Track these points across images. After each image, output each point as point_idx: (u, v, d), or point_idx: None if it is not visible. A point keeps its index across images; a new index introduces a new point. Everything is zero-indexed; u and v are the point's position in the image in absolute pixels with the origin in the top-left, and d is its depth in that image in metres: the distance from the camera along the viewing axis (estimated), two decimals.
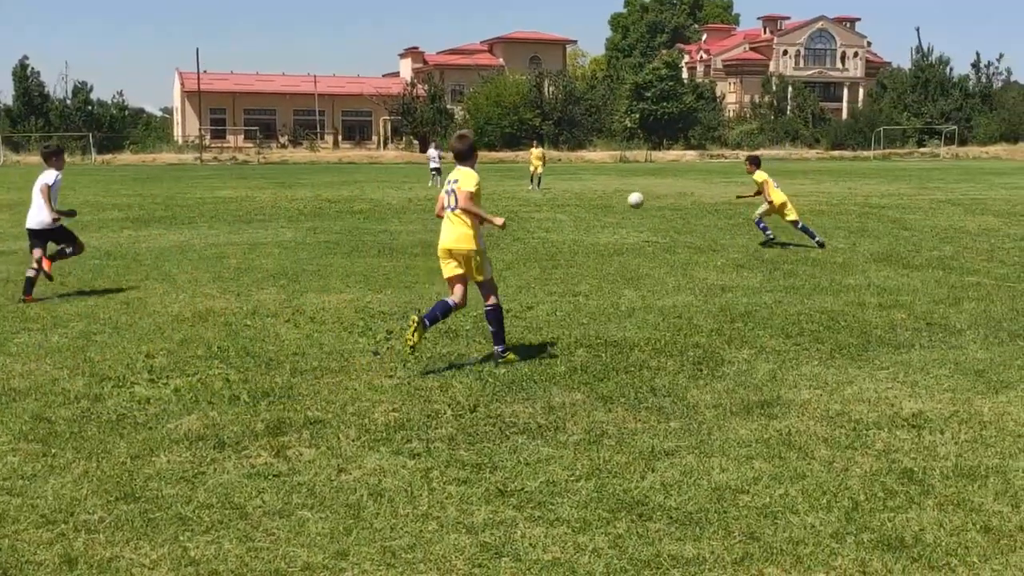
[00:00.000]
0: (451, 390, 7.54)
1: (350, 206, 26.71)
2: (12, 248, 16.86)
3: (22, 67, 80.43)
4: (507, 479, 5.63)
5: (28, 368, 8.18)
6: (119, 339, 9.34)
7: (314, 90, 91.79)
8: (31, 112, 78.76)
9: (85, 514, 5.13)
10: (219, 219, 22.63)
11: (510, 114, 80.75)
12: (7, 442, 6.28)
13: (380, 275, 13.46)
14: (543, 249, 16.45)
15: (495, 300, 8.57)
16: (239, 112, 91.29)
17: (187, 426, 6.62)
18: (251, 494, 5.41)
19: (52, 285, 12.09)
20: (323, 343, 9.18)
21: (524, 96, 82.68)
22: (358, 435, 6.45)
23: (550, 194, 32.15)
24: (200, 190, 35.09)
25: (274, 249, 16.56)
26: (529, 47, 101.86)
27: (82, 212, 24.68)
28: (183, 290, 12.22)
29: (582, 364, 8.32)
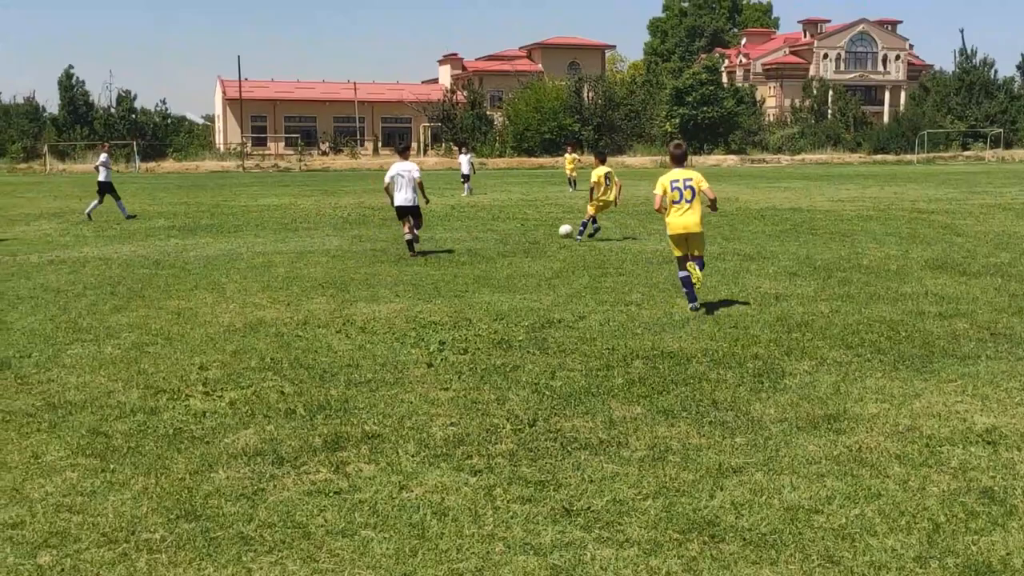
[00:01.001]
0: (508, 403, 7.42)
1: (394, 213, 26.61)
2: (62, 257, 16.96)
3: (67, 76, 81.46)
4: (572, 497, 5.50)
5: (83, 380, 8.16)
6: (172, 350, 9.31)
7: (354, 97, 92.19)
8: (76, 121, 79.71)
9: (146, 532, 5.05)
10: (265, 227, 22.68)
11: (549, 120, 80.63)
12: (65, 457, 6.24)
13: (429, 284, 13.38)
14: (591, 257, 16.30)
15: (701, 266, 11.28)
16: (280, 119, 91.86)
17: (244, 441, 6.55)
18: (313, 512, 5.32)
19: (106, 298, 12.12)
20: (376, 354, 9.10)
21: (563, 102, 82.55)
22: (417, 450, 6.34)
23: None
24: (244, 198, 35.27)
25: (321, 257, 16.54)
26: (568, 52, 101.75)
27: (128, 220, 24.88)
28: (233, 300, 12.20)
29: (640, 376, 8.17)
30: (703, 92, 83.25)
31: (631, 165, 74.19)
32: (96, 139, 76.32)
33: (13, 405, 7.42)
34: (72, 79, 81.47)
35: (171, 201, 33.55)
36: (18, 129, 78.63)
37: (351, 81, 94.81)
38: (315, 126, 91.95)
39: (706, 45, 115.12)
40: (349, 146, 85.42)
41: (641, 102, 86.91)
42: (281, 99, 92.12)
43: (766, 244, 17.96)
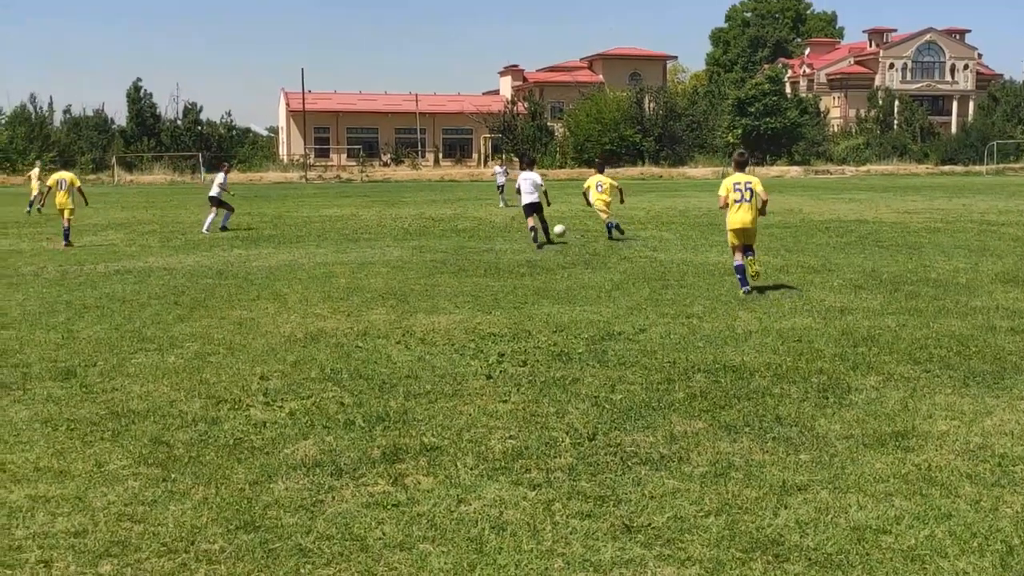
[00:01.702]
0: (567, 416, 7.35)
1: (454, 224, 26.76)
2: (128, 267, 17.22)
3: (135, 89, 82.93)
4: (632, 513, 5.42)
5: (146, 389, 8.24)
6: (233, 360, 9.37)
7: (415, 108, 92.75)
8: (144, 132, 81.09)
9: (206, 543, 5.06)
10: (326, 238, 22.85)
11: (610, 131, 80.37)
12: (128, 466, 6.29)
13: (488, 295, 13.36)
14: (651, 269, 16.17)
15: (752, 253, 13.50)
16: (342, 131, 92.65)
17: (304, 451, 6.55)
18: (371, 525, 5.29)
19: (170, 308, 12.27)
20: (435, 366, 9.08)
21: (624, 113, 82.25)
22: (476, 463, 6.30)
23: (653, 212, 31.75)
24: (306, 208, 35.60)
25: (381, 268, 16.60)
26: (629, 63, 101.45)
27: (194, 231, 25.24)
28: (294, 310, 12.27)
29: (701, 390, 8.05)
30: (766, 103, 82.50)
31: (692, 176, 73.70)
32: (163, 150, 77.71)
33: (78, 413, 7.51)
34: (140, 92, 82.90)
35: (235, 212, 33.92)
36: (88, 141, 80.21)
37: (413, 93, 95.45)
38: (377, 137, 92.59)
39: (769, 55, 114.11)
40: (410, 157, 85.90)
41: (703, 113, 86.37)
42: (344, 111, 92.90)
43: (831, 256, 17.68)
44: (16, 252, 20.19)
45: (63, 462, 6.36)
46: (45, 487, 5.89)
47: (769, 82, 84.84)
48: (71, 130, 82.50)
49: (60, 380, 8.57)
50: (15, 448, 6.66)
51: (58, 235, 22.02)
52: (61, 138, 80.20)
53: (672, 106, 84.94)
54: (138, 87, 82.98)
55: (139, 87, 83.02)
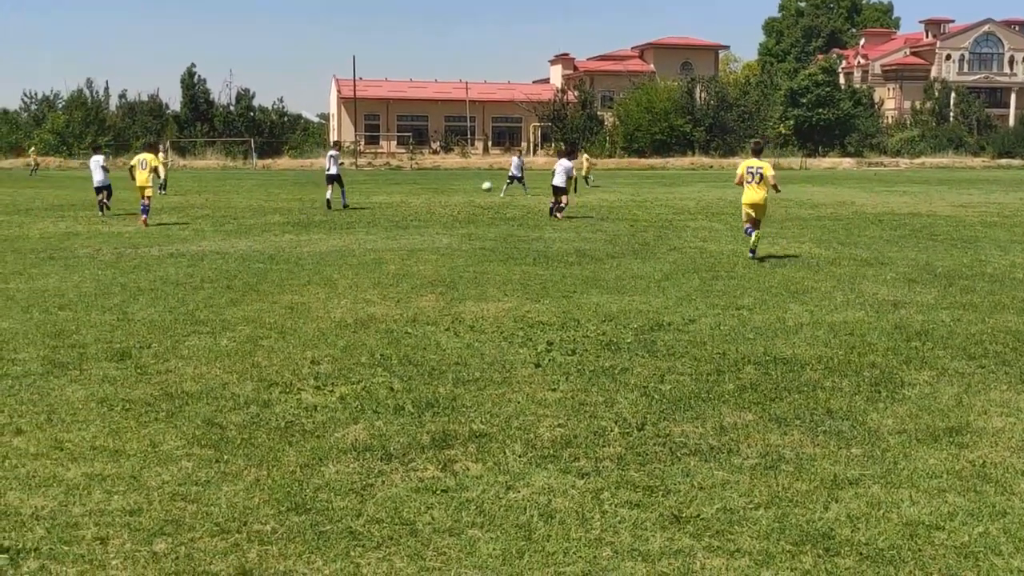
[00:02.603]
0: (616, 406, 7.35)
1: (503, 212, 26.78)
2: (181, 251, 17.43)
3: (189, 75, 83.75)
4: (681, 504, 5.40)
5: (199, 371, 8.35)
6: (285, 344, 9.46)
7: (465, 96, 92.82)
8: (197, 118, 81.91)
9: (258, 524, 5.13)
10: (376, 224, 22.97)
11: (660, 120, 79.91)
12: (181, 446, 6.38)
13: (537, 284, 13.36)
14: (701, 259, 16.08)
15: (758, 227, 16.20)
16: (392, 118, 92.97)
17: (354, 436, 6.60)
18: (420, 510, 5.33)
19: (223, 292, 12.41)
20: (484, 353, 9.11)
21: (675, 102, 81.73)
22: (524, 451, 6.31)
23: (704, 202, 31.56)
24: (356, 195, 35.72)
25: (431, 255, 16.66)
26: (680, 53, 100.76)
27: (246, 216, 25.49)
28: (344, 296, 12.36)
29: (751, 382, 8.01)
30: (819, 93, 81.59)
31: None
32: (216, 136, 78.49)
33: (133, 394, 7.63)
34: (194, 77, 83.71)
35: (286, 197, 34.23)
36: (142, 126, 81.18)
37: (463, 81, 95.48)
38: (427, 125, 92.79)
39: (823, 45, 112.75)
40: (460, 145, 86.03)
41: (755, 103, 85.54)
42: (394, 98, 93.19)
43: (883, 249, 17.48)
44: (73, 234, 20.51)
45: (118, 441, 6.47)
46: (101, 465, 5.99)
47: (822, 73, 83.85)
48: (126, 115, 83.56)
49: (115, 361, 8.70)
50: (72, 427, 6.78)
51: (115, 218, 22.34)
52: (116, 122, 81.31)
53: (723, 96, 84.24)
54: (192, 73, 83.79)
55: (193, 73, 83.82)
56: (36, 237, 19.91)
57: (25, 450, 6.28)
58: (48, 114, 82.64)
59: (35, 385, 7.87)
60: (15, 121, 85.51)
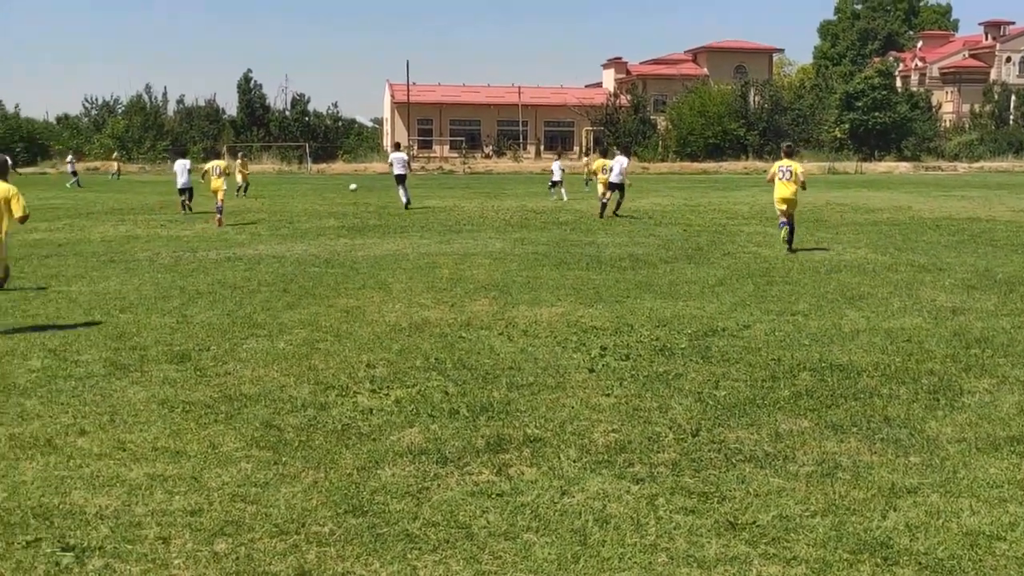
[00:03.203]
0: (671, 412, 7.33)
1: (556, 217, 26.80)
2: (239, 254, 17.65)
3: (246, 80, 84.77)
4: (737, 511, 5.39)
5: (257, 374, 8.46)
6: (341, 347, 9.56)
7: (518, 101, 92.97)
8: (253, 123, 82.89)
9: (316, 525, 5.19)
10: (429, 228, 23.09)
11: (714, 124, 79.50)
12: (240, 448, 6.47)
13: (590, 288, 13.36)
14: (755, 264, 15.98)
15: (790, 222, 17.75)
16: (445, 122, 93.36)
17: (409, 439, 6.66)
18: (476, 513, 5.36)
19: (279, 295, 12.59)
20: (538, 357, 9.13)
21: (728, 106, 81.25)
22: (579, 456, 6.33)
23: (758, 207, 31.33)
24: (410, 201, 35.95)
25: (484, 260, 16.72)
26: (734, 56, 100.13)
27: (301, 220, 25.76)
28: (399, 299, 12.45)
29: (807, 389, 7.95)
30: (875, 97, 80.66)
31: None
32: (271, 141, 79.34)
33: (192, 396, 7.75)
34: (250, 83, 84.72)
35: (341, 202, 34.53)
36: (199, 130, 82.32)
37: (515, 85, 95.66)
38: (479, 129, 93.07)
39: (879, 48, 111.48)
40: (512, 149, 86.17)
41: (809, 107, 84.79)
42: (447, 103, 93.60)
43: (941, 255, 17.25)
44: (133, 238, 20.86)
45: (179, 442, 6.58)
46: (163, 466, 6.11)
47: (879, 76, 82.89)
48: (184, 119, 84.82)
49: (175, 363, 8.85)
50: (134, 428, 6.91)
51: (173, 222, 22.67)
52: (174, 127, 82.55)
53: (778, 100, 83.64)
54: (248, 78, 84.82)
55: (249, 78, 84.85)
56: (97, 241, 20.28)
57: (89, 450, 6.41)
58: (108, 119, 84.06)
59: (98, 386, 8.03)
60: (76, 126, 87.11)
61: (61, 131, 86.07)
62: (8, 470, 6.03)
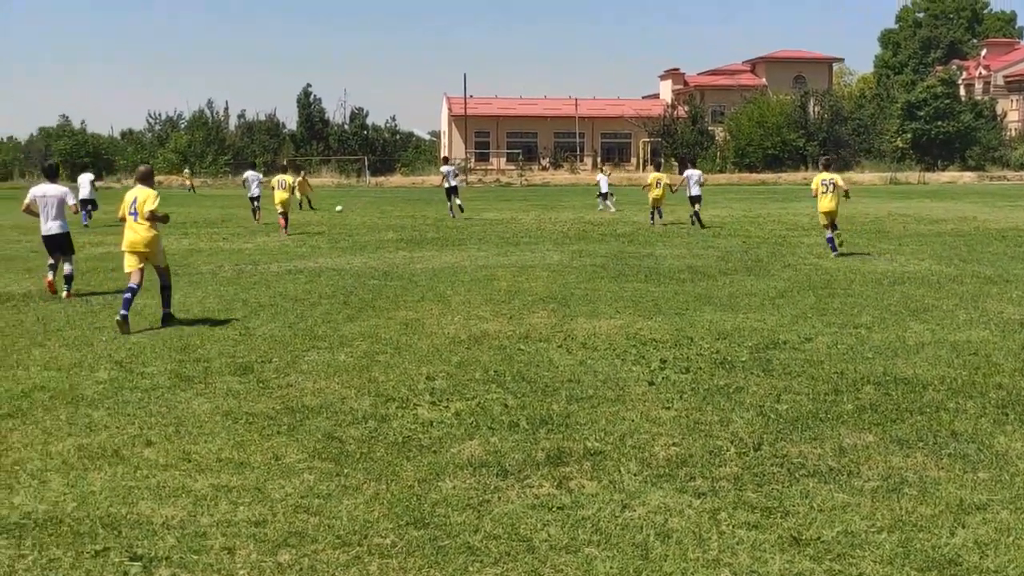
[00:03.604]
0: (732, 425, 7.27)
1: (613, 229, 26.75)
2: (299, 267, 17.84)
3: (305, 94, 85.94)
4: (800, 526, 5.32)
5: (319, 386, 8.54)
6: (400, 360, 9.62)
7: (575, 113, 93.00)
8: (312, 137, 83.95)
9: (378, 537, 5.22)
10: (487, 241, 23.17)
11: (773, 135, 78.95)
12: (303, 459, 6.53)
13: (649, 301, 13.31)
14: (816, 276, 15.81)
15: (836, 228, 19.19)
16: (502, 135, 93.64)
17: (470, 451, 6.68)
18: (536, 526, 5.36)
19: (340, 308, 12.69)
20: (597, 370, 9.11)
21: (787, 116, 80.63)
22: (639, 469, 6.30)
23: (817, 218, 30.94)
24: (467, 212, 36.14)
25: (542, 272, 16.74)
26: (793, 66, 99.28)
27: (360, 233, 25.97)
28: (457, 312, 12.50)
29: (871, 403, 7.84)
30: (937, 106, 79.56)
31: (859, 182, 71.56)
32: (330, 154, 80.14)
33: (255, 407, 7.84)
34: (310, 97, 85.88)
35: (399, 215, 34.77)
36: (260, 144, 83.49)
37: (572, 97, 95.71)
38: (536, 141, 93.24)
39: (942, 57, 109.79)
40: (569, 161, 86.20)
41: (870, 116, 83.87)
42: (504, 115, 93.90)
43: (1008, 267, 16.93)
44: (196, 251, 21.18)
45: (243, 454, 6.66)
46: (227, 477, 6.18)
47: (942, 84, 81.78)
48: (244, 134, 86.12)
49: (238, 375, 8.96)
50: (199, 439, 7.00)
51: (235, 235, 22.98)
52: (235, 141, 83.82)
53: (838, 110, 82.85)
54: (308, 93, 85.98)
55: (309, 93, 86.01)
56: None
57: (155, 461, 6.51)
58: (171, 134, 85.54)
59: (163, 398, 8.16)
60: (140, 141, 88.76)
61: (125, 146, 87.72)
62: (77, 480, 6.15)
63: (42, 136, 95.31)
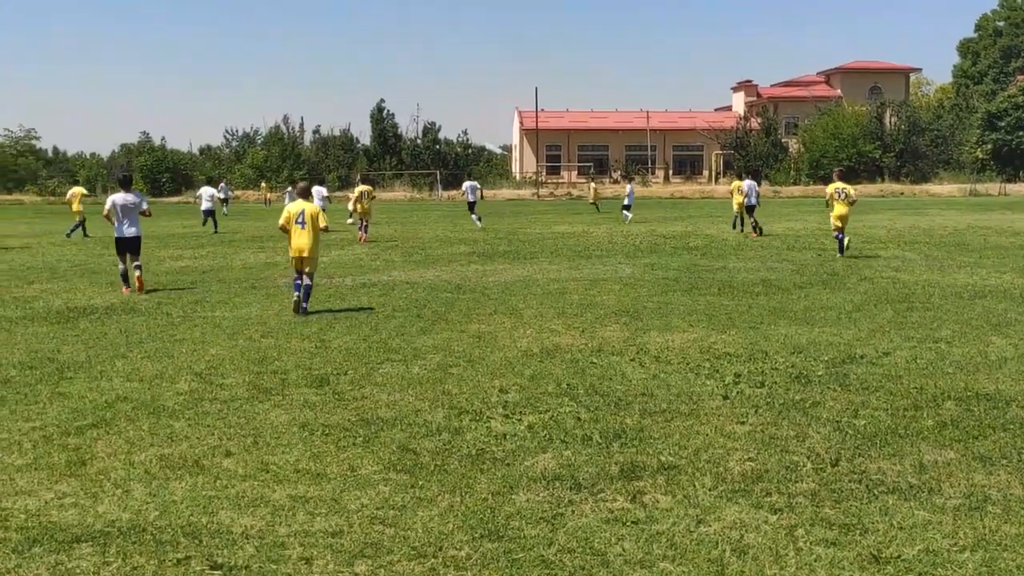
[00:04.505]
0: (808, 440, 7.19)
1: (685, 242, 26.59)
2: (373, 280, 18.02)
3: (379, 110, 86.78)
4: (880, 544, 5.24)
5: (393, 398, 8.62)
6: (473, 373, 9.66)
7: (646, 125, 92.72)
8: (386, 151, 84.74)
9: (453, 549, 5.25)
10: (559, 254, 23.18)
11: (848, 146, 77.89)
12: (378, 471, 6.60)
13: (722, 314, 13.20)
14: (894, 290, 15.55)
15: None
16: (573, 148, 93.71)
17: (543, 464, 6.68)
18: (611, 541, 5.34)
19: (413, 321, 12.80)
20: (670, 384, 9.06)
21: (863, 127, 79.50)
22: (714, 484, 6.25)
23: (895, 231, 30.52)
24: (539, 225, 36.21)
25: (614, 285, 16.69)
26: (869, 77, 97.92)
27: (433, 246, 26.14)
28: (529, 325, 12.52)
29: (952, 418, 7.69)
30: (1019, 116, 77.85)
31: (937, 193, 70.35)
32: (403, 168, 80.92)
33: (331, 419, 7.94)
34: (383, 112, 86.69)
35: (470, 228, 34.92)
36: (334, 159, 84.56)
37: (643, 110, 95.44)
38: (607, 154, 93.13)
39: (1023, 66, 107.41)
40: (640, 174, 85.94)
41: (948, 127, 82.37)
42: (575, 128, 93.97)
43: None
44: (272, 264, 21.50)
45: (319, 465, 6.74)
46: (304, 488, 6.27)
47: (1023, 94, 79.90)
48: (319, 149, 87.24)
49: (315, 387, 9.08)
50: (276, 450, 7.11)
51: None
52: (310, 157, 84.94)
53: (915, 120, 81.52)
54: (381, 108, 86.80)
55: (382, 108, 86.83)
56: (239, 267, 20.97)
57: (234, 471, 6.63)
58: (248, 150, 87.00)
59: (241, 409, 8.30)
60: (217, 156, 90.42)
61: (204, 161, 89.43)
62: (159, 489, 6.27)
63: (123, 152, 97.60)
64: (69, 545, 5.35)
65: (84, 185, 51.16)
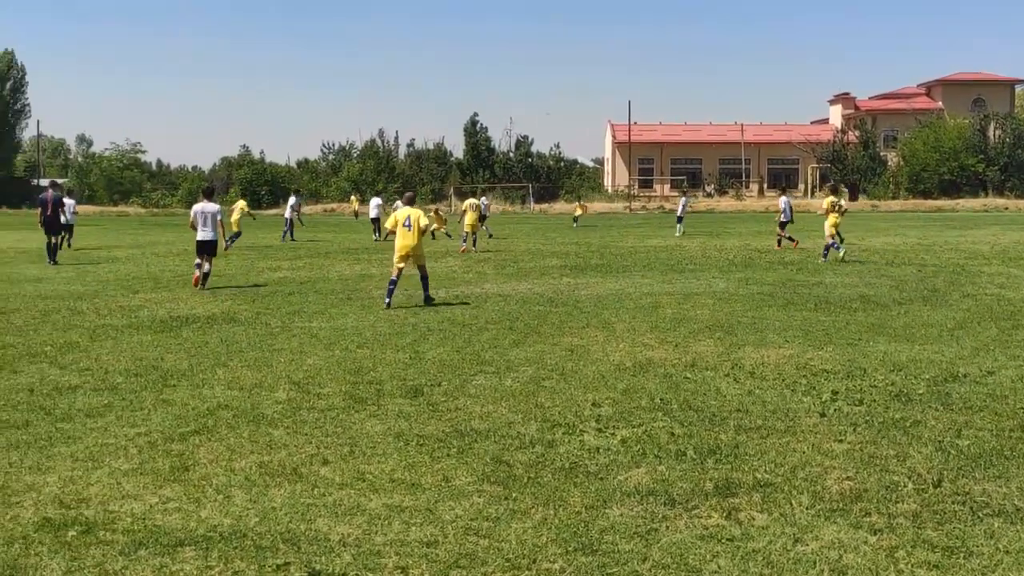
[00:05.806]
0: (909, 460, 7.03)
1: (780, 256, 26.24)
2: (466, 293, 18.14)
3: (472, 123, 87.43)
4: (986, 568, 5.11)
5: (486, 410, 8.67)
6: (566, 386, 9.67)
7: (740, 139, 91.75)
8: (479, 165, 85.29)
9: (547, 562, 5.26)
10: (651, 268, 23.06)
11: (949, 160, 76.02)
12: (472, 482, 6.64)
13: (819, 330, 12.99)
14: (999, 307, 15.13)
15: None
16: (666, 161, 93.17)
17: (636, 479, 6.66)
18: (706, 557, 5.30)
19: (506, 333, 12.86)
20: (765, 400, 8.95)
21: (965, 141, 77.53)
22: (811, 503, 6.16)
23: (999, 246, 29.69)
24: (631, 239, 36.08)
25: (707, 300, 16.55)
26: (972, 88, 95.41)
27: (525, 259, 26.22)
28: (622, 339, 12.48)
29: None
30: None
31: None
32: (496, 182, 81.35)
33: (425, 430, 8.02)
34: (476, 126, 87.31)
35: (562, 241, 34.96)
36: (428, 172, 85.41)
37: (738, 123, 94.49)
38: (700, 168, 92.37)
39: None
40: (734, 188, 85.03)
41: None
42: (668, 142, 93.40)
43: None
44: (367, 276, 21.80)
45: (414, 475, 6.82)
46: (399, 497, 6.34)
47: None
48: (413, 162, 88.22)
49: (409, 397, 9.18)
50: (372, 459, 7.21)
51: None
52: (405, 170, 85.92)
53: (1020, 133, 79.16)
54: (475, 122, 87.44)
55: (475, 122, 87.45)
56: (335, 279, 21.30)
57: (331, 480, 6.73)
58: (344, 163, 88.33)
59: (338, 419, 8.43)
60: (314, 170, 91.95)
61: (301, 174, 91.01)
62: (259, 496, 6.41)
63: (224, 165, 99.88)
64: (173, 549, 5.49)
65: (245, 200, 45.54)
